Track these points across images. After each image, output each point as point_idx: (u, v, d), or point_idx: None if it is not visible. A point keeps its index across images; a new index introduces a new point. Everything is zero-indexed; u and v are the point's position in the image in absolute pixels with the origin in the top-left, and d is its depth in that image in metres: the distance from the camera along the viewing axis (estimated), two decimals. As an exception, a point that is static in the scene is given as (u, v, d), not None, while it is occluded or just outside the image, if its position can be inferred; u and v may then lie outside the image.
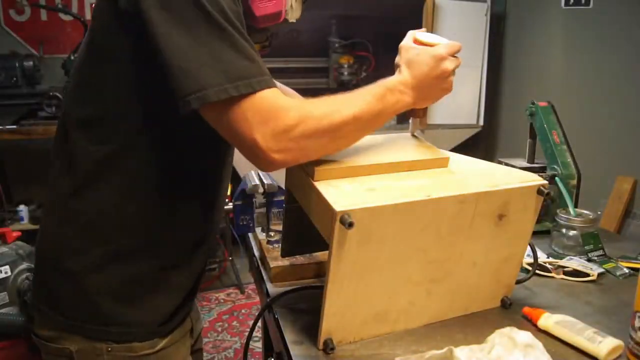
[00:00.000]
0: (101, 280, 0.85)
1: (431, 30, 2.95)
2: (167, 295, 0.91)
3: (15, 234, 1.66)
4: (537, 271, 1.10)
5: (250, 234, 1.34)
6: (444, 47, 0.86)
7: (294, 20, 0.95)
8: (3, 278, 1.49)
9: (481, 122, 3.24)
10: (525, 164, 1.48)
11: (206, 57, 0.70)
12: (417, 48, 0.87)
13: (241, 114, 0.72)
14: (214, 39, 0.70)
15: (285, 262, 1.10)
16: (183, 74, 0.70)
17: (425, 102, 0.90)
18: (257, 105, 0.72)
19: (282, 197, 1.17)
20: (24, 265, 1.54)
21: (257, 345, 2.26)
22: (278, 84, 1.21)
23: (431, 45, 0.88)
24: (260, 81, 0.72)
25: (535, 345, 0.77)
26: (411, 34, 0.91)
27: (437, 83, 0.86)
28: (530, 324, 0.91)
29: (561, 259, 1.19)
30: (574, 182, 1.38)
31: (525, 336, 0.78)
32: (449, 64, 0.86)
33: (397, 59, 0.89)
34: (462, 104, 3.18)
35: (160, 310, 0.90)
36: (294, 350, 0.84)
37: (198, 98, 0.70)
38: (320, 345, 0.83)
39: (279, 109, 0.73)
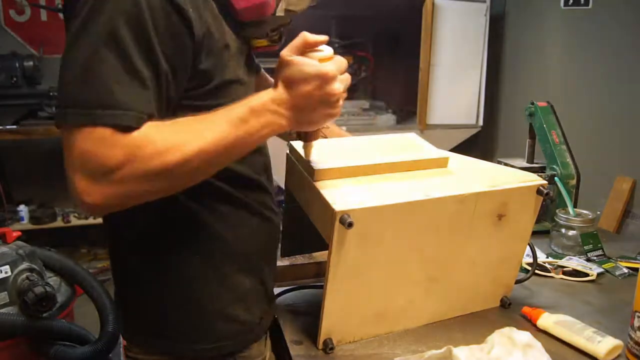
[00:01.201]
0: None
1: (430, 31, 2.94)
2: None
3: (15, 234, 1.66)
4: (537, 271, 1.10)
5: (250, 234, 1.34)
6: (334, 64, 0.72)
7: (297, 10, 0.84)
8: (3, 278, 1.48)
9: (480, 122, 3.24)
10: (524, 164, 1.48)
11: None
12: (301, 62, 0.70)
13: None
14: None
15: (285, 262, 1.10)
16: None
17: (303, 127, 0.76)
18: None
19: (282, 197, 1.17)
20: (24, 265, 1.54)
21: (256, 345, 2.26)
22: None
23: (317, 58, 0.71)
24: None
25: (535, 345, 0.77)
26: (299, 41, 0.72)
27: (321, 108, 0.71)
28: (529, 323, 0.91)
29: (560, 258, 1.19)
30: (573, 182, 1.39)
31: (524, 336, 0.78)
32: (338, 86, 0.71)
33: (276, 73, 0.72)
34: (462, 104, 3.18)
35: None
36: (293, 350, 0.84)
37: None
38: (320, 345, 0.83)
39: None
